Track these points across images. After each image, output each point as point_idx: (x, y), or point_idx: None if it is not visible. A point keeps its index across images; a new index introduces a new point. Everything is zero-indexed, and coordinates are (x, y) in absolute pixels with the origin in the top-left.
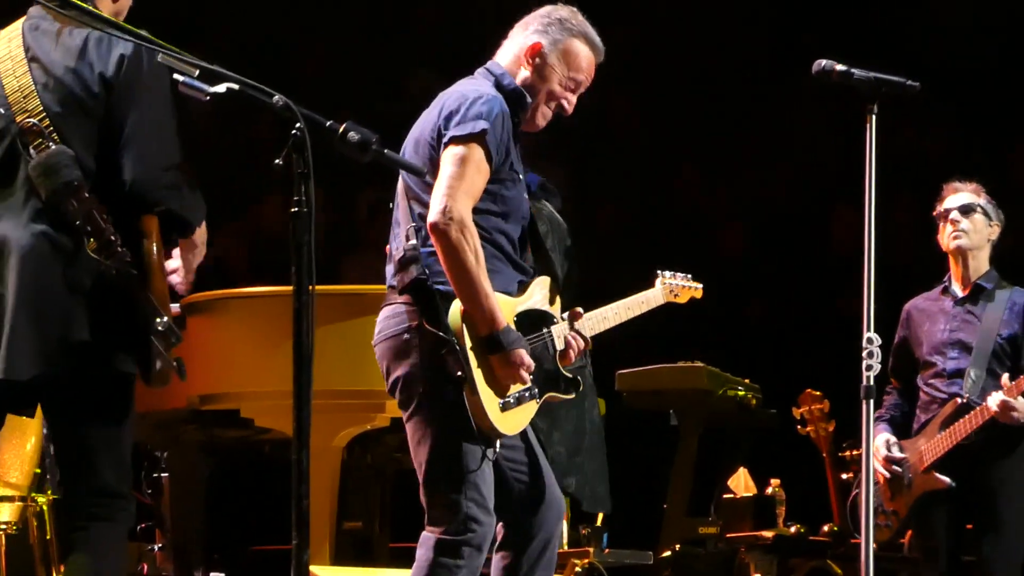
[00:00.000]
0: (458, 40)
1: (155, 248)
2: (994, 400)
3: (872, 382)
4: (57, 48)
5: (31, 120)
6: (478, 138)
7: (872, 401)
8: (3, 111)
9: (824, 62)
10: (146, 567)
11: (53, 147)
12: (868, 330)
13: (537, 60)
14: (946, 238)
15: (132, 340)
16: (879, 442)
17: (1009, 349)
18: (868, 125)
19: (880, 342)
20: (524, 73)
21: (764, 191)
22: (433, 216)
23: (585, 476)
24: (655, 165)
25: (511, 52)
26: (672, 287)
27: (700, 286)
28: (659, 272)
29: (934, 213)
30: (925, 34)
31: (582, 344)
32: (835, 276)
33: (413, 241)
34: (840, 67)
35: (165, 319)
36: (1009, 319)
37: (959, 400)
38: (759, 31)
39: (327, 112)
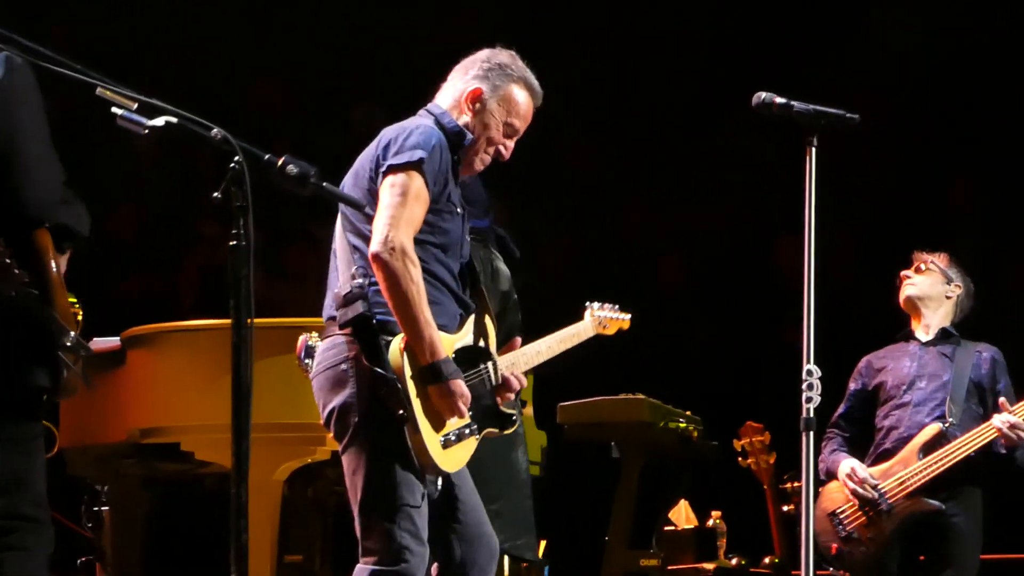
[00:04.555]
0: (400, 73)
1: (53, 264)
2: (1001, 420)
3: (812, 414)
4: None
5: None
6: (416, 166)
7: (812, 433)
8: None
9: (764, 94)
10: None
11: None
12: (808, 362)
13: (477, 105)
14: (900, 293)
15: (39, 356)
16: (853, 464)
17: (976, 393)
18: (808, 157)
19: (820, 374)
20: (464, 118)
21: (706, 222)
22: (375, 246)
23: (503, 522)
24: (598, 199)
25: (451, 95)
26: (600, 319)
27: (628, 317)
28: (588, 304)
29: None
30: (864, 63)
31: (519, 383)
32: (777, 307)
33: (359, 280)
34: (780, 99)
35: (72, 334)
36: (978, 363)
37: (941, 426)
38: (699, 63)
39: (268, 145)
